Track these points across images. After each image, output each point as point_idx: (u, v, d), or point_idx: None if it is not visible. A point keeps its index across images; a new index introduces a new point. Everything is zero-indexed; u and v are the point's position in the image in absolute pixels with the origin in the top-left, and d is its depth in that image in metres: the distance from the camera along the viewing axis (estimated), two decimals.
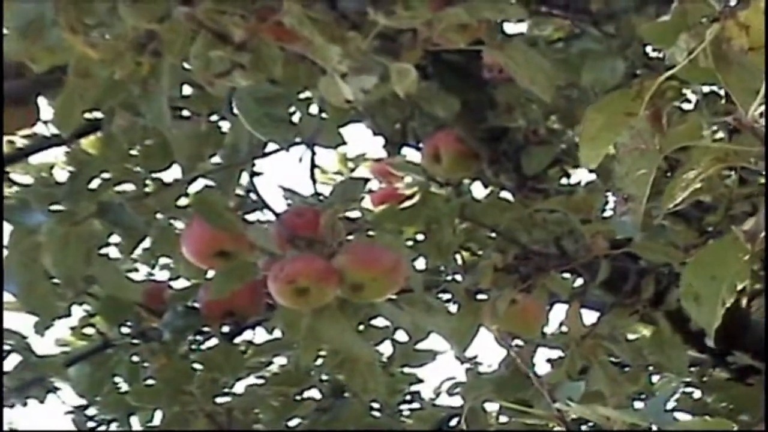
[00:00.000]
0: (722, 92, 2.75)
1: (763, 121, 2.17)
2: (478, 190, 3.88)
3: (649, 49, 3.38)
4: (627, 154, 2.10)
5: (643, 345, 3.84)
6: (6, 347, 4.17)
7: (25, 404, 4.24)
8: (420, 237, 3.93)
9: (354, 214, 3.73)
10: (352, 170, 4.37)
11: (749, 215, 2.31)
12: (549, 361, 4.05)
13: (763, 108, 2.15)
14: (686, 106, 3.48)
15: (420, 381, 4.49)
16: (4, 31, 2.93)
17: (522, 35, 3.55)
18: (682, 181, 2.12)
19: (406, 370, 4.42)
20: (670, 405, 4.28)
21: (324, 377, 4.26)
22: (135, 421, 4.37)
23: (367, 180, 3.80)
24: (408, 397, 4.41)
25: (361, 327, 3.92)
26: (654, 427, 2.28)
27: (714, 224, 3.08)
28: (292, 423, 4.26)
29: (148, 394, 4.17)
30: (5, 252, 3.56)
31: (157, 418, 4.28)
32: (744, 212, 2.57)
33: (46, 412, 4.34)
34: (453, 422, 4.40)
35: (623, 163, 2.12)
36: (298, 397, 4.22)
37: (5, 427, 4.28)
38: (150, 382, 4.22)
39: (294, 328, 3.65)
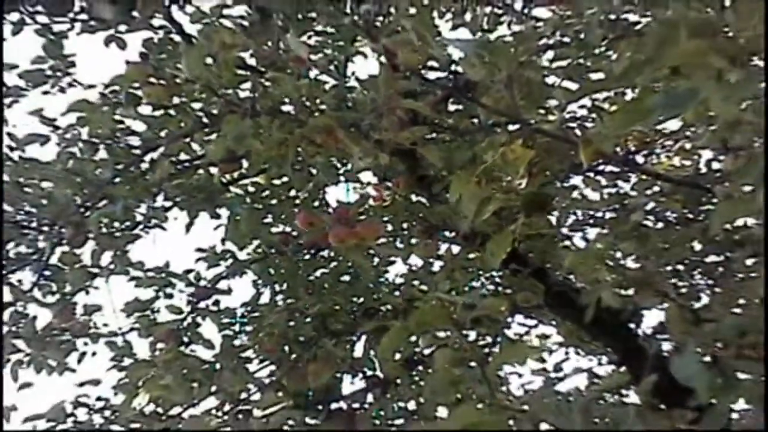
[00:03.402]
0: None
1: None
2: (414, 198, 3.84)
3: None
4: (467, 197, 2.12)
5: (478, 260, 3.84)
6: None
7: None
8: (390, 217, 3.88)
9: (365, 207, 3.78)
10: (365, 188, 4.14)
11: (516, 213, 2.30)
12: None
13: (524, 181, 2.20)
14: None
15: (387, 271, 4.32)
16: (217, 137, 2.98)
17: (433, 139, 3.44)
18: (493, 204, 2.13)
19: (382, 268, 4.28)
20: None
21: (350, 271, 4.23)
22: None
23: (369, 196, 3.86)
24: (383, 279, 4.31)
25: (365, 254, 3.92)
26: None
27: (506, 216, 3.03)
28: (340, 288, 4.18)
29: (281, 275, 4.17)
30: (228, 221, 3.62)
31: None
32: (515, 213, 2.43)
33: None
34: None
35: (466, 199, 2.14)
36: (340, 279, 4.20)
37: None
38: (282, 271, 4.17)
39: (339, 254, 3.71)
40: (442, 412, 2.98)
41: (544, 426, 1.93)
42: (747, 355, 1.94)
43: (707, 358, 1.94)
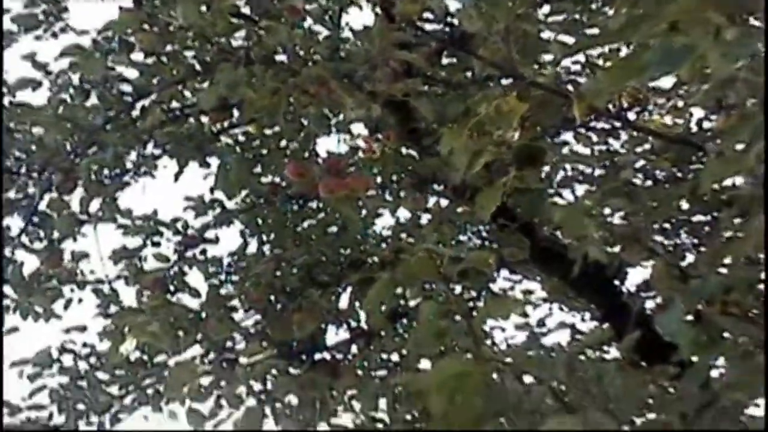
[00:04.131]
0: None
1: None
2: (404, 151, 3.81)
3: None
4: (459, 149, 2.12)
5: (466, 214, 3.82)
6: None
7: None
8: (379, 169, 3.85)
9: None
10: (356, 139, 4.01)
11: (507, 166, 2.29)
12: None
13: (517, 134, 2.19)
14: None
15: (374, 224, 4.23)
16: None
17: (426, 92, 3.39)
18: (485, 157, 2.12)
19: (370, 220, 4.18)
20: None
21: (338, 222, 4.18)
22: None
23: (359, 148, 3.82)
24: (370, 231, 4.26)
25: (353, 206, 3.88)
26: None
27: (497, 169, 2.99)
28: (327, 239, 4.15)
29: (269, 225, 4.14)
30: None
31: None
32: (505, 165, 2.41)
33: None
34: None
35: (458, 151, 2.13)
36: (328, 230, 4.18)
37: None
38: (269, 221, 4.14)
39: (327, 205, 3.70)
40: (425, 365, 3.00)
41: (527, 379, 1.94)
42: (731, 312, 1.96)
43: (692, 316, 1.95)
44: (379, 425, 3.47)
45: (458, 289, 3.83)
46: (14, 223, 3.80)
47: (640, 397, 2.02)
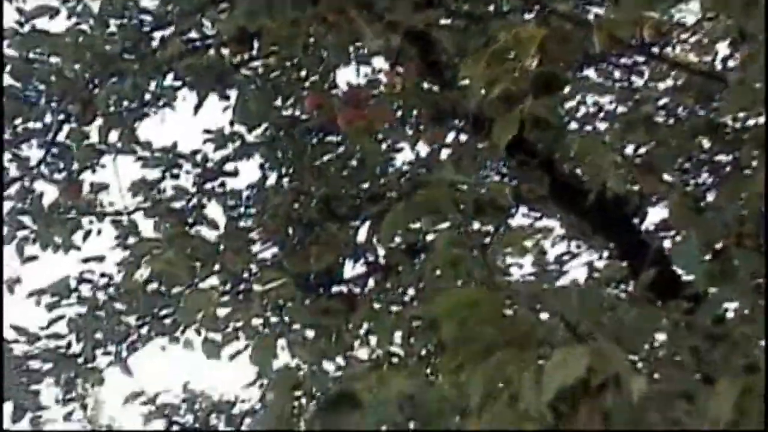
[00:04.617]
0: None
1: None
2: (426, 86, 3.75)
3: None
4: (476, 78, 2.08)
5: (485, 150, 3.79)
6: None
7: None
8: (399, 103, 3.82)
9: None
10: (378, 73, 3.94)
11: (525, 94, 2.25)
12: None
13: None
14: None
15: (394, 158, 4.21)
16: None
17: (448, 25, 3.35)
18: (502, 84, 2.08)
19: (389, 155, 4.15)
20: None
21: (357, 155, 4.14)
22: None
23: (379, 82, 3.78)
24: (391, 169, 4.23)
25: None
26: None
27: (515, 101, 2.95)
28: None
29: (288, 157, 4.13)
30: None
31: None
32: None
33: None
34: None
35: (474, 81, 2.10)
36: (347, 163, 4.14)
37: None
38: (289, 154, 4.12)
39: (347, 138, 3.69)
40: None
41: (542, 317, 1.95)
42: (745, 244, 1.96)
43: (708, 256, 1.96)
44: (394, 359, 3.48)
45: (476, 225, 3.81)
46: (33, 153, 3.83)
47: (652, 329, 2.03)
